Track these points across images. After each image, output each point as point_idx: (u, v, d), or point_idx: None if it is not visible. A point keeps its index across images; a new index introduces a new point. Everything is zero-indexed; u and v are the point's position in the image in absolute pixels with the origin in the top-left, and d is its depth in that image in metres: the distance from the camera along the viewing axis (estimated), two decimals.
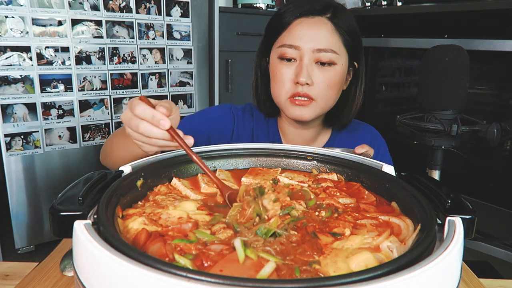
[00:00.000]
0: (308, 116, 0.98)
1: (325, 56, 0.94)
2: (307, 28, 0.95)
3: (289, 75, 0.96)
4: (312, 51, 0.94)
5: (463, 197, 0.52)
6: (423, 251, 0.40)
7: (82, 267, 0.40)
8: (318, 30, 0.94)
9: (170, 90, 2.39)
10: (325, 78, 0.95)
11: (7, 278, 0.72)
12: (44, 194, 2.06)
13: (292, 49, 0.95)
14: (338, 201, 0.61)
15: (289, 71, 0.96)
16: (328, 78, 0.96)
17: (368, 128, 1.17)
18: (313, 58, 0.95)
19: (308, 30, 0.94)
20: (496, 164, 1.93)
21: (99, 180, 0.55)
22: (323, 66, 0.95)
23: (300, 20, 0.95)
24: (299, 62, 0.95)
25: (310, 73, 0.94)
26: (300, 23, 0.95)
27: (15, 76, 1.88)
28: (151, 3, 2.21)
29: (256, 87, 1.10)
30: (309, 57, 0.94)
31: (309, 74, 0.94)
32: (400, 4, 2.22)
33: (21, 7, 1.84)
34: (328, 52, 0.94)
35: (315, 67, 0.95)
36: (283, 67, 0.97)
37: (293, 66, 0.96)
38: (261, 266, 0.40)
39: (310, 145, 1.11)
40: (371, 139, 1.14)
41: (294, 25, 0.96)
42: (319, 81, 0.95)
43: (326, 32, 0.94)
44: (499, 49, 1.74)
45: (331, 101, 1.00)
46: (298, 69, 0.95)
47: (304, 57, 0.94)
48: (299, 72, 0.94)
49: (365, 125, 1.17)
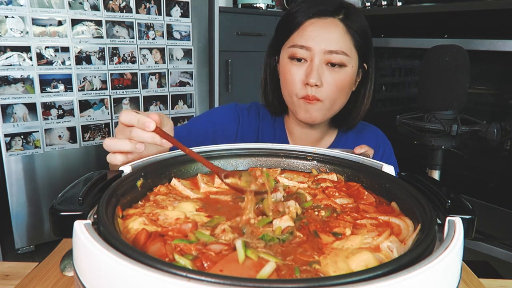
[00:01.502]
0: (319, 120, 1.00)
1: (336, 58, 0.94)
2: (319, 29, 0.94)
3: (299, 75, 0.96)
4: (323, 52, 0.94)
5: (463, 197, 0.52)
6: (423, 251, 0.40)
7: (82, 267, 0.40)
8: (330, 31, 0.94)
9: (170, 90, 2.39)
10: (335, 80, 0.95)
11: (7, 278, 0.72)
12: (44, 194, 2.07)
13: (303, 49, 0.95)
14: (335, 201, 0.61)
15: (299, 71, 0.96)
16: (338, 80, 0.96)
17: (374, 130, 1.17)
18: (323, 59, 0.94)
19: (320, 31, 0.94)
20: (496, 164, 1.93)
21: (99, 180, 0.55)
22: (334, 68, 0.95)
23: (312, 21, 0.95)
24: (310, 63, 0.95)
25: (320, 74, 0.94)
26: (312, 23, 0.95)
27: (15, 76, 1.89)
28: (151, 3, 2.21)
29: (264, 85, 1.10)
30: (320, 58, 0.94)
31: (319, 75, 0.94)
32: (400, 4, 2.22)
33: (21, 7, 1.84)
34: (339, 54, 0.94)
35: (326, 68, 0.95)
36: (293, 67, 0.97)
37: (304, 66, 0.96)
38: (261, 266, 0.40)
39: (316, 145, 1.11)
40: (377, 141, 1.14)
41: (306, 26, 0.95)
42: (329, 83, 0.95)
43: (338, 33, 0.94)
44: (499, 49, 1.74)
45: (339, 103, 1.00)
46: (309, 70, 0.95)
47: (315, 58, 0.94)
48: (309, 73, 0.94)
49: (371, 127, 1.17)
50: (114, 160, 0.68)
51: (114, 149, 0.68)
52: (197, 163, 0.72)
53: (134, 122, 0.65)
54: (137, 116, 0.65)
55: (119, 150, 0.68)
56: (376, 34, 2.27)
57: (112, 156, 0.69)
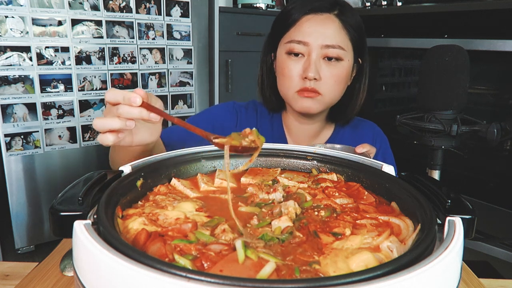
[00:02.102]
0: (315, 109, 1.02)
1: (333, 52, 0.97)
2: (316, 24, 0.97)
3: (297, 70, 0.99)
4: (321, 47, 0.97)
5: (463, 197, 0.52)
6: (423, 251, 0.40)
7: (82, 267, 0.40)
8: (326, 26, 0.97)
9: (170, 90, 2.39)
10: (332, 74, 0.98)
11: (7, 278, 0.72)
12: (44, 194, 2.07)
13: (301, 45, 0.97)
14: (335, 201, 0.61)
15: (297, 66, 0.99)
16: (335, 73, 0.99)
17: (370, 125, 1.19)
18: (321, 54, 0.97)
19: (317, 27, 0.97)
20: (496, 164, 1.93)
21: (99, 180, 0.55)
22: (331, 62, 0.98)
23: (309, 17, 0.98)
24: (307, 57, 0.98)
25: (318, 68, 0.97)
26: (308, 19, 0.98)
27: (15, 76, 1.89)
28: (151, 3, 2.21)
29: (261, 82, 1.12)
30: (317, 52, 0.97)
31: (317, 69, 0.97)
32: (400, 4, 2.22)
33: (21, 7, 1.84)
34: (336, 48, 0.97)
35: (323, 62, 0.98)
36: (291, 62, 0.99)
37: (301, 61, 0.99)
38: (261, 266, 0.40)
39: (313, 140, 1.13)
40: (373, 135, 1.16)
41: (303, 22, 0.98)
42: (327, 76, 0.98)
43: (334, 28, 0.97)
44: (499, 49, 1.74)
45: (337, 96, 1.03)
46: (307, 64, 0.97)
47: (312, 52, 0.97)
48: (307, 67, 0.97)
49: (367, 122, 1.20)
50: (105, 140, 0.67)
51: (104, 128, 0.66)
52: (197, 163, 0.72)
53: (120, 99, 0.64)
54: (122, 93, 0.64)
55: (109, 129, 0.66)
56: (376, 34, 2.27)
57: (103, 136, 0.67)
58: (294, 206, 0.57)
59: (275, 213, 0.56)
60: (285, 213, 0.55)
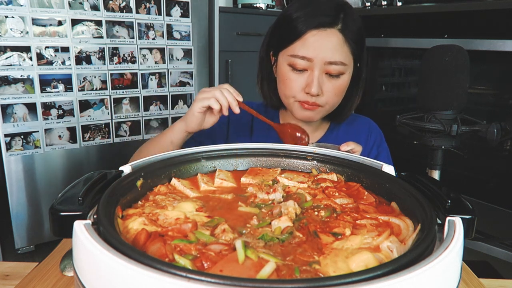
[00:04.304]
0: (316, 118, 1.06)
1: (335, 69, 0.98)
2: (320, 40, 0.97)
3: (299, 83, 1.00)
4: (324, 63, 0.97)
5: (463, 197, 0.52)
6: (423, 251, 0.40)
7: (82, 267, 0.40)
8: (330, 42, 0.97)
9: (170, 90, 2.39)
10: (334, 88, 1.01)
11: (7, 278, 0.72)
12: (44, 194, 2.07)
13: (305, 60, 0.98)
14: (335, 201, 0.61)
15: (299, 79, 1.00)
16: (337, 87, 1.01)
17: (365, 120, 1.21)
18: (323, 69, 0.98)
19: (321, 43, 0.97)
20: (496, 164, 1.93)
21: (99, 180, 0.55)
22: (332, 77, 1.00)
23: (314, 32, 0.97)
24: (310, 73, 0.99)
25: (321, 84, 0.99)
26: (313, 35, 0.97)
27: (15, 76, 1.89)
28: (151, 3, 2.21)
29: (261, 80, 1.14)
30: (320, 68, 0.98)
31: (320, 85, 0.99)
32: (400, 4, 2.22)
33: (21, 7, 1.84)
34: (338, 65, 0.98)
35: (325, 77, 1.00)
36: (293, 75, 1.01)
37: (304, 76, 1.00)
38: (261, 266, 0.40)
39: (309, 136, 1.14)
40: (369, 130, 1.18)
41: (308, 37, 0.97)
42: (328, 90, 1.00)
43: (337, 44, 0.97)
44: (499, 49, 1.74)
45: (336, 104, 1.07)
46: (309, 80, 0.99)
47: (315, 68, 0.98)
48: (310, 83, 0.98)
49: (362, 118, 1.21)
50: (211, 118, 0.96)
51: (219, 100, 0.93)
52: (197, 163, 0.72)
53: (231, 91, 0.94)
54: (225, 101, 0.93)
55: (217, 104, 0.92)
56: (376, 34, 2.27)
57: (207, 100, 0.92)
58: (294, 206, 0.57)
59: (275, 213, 0.56)
60: (285, 213, 0.55)
